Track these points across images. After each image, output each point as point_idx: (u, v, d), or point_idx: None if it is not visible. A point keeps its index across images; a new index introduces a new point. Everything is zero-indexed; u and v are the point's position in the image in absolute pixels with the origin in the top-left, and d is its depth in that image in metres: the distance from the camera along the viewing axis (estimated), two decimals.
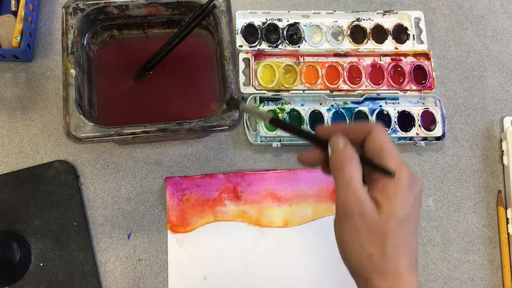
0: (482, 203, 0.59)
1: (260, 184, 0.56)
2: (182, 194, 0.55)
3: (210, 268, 0.53)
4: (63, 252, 0.52)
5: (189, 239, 0.54)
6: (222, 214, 0.55)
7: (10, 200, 0.53)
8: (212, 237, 0.54)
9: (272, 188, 0.56)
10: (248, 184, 0.56)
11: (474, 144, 0.61)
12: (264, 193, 0.56)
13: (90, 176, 0.55)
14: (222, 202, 0.55)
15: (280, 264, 0.54)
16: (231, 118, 0.48)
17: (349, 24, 0.63)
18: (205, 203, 0.55)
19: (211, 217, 0.54)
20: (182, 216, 0.54)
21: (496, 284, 0.57)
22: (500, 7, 0.68)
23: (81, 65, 0.50)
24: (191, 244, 0.53)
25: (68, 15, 0.50)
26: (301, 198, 0.56)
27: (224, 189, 0.56)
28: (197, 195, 0.55)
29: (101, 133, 0.46)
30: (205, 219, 0.54)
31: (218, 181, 0.56)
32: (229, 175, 0.56)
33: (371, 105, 0.60)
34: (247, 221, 0.55)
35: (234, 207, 0.55)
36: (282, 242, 0.55)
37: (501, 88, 0.64)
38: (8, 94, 0.57)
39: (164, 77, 0.54)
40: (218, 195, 0.55)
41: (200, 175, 0.56)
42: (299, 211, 0.56)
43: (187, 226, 0.54)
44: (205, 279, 0.52)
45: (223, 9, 0.52)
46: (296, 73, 0.60)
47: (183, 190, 0.55)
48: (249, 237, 0.54)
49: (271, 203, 0.56)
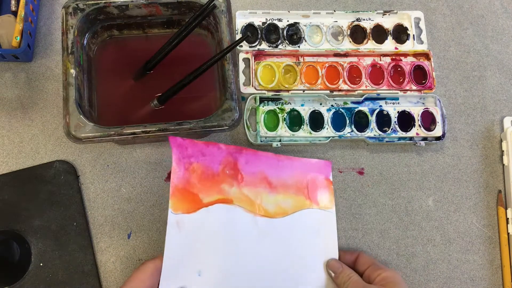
0: (482, 203, 0.59)
1: (255, 164, 0.53)
2: (189, 162, 0.49)
3: (205, 261, 0.49)
4: (63, 252, 0.52)
5: (190, 222, 0.48)
6: (224, 194, 0.51)
7: (10, 200, 0.53)
8: (213, 222, 0.49)
9: (264, 171, 0.54)
10: (246, 161, 0.53)
11: (474, 144, 0.61)
12: (259, 176, 0.53)
13: (90, 176, 0.56)
14: (225, 179, 0.51)
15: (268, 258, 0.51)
16: (231, 118, 0.48)
17: (349, 24, 0.63)
18: (211, 177, 0.50)
19: (216, 196, 0.50)
20: (188, 190, 0.49)
21: (496, 284, 0.57)
22: (500, 7, 0.68)
23: (81, 65, 0.50)
24: (190, 228, 0.48)
25: (68, 15, 0.50)
26: (284, 187, 0.54)
27: (226, 164, 0.51)
28: (203, 166, 0.50)
29: (101, 133, 0.46)
30: (210, 197, 0.50)
31: (221, 153, 0.51)
32: (229, 147, 0.52)
33: (371, 105, 0.61)
34: (245, 206, 0.52)
35: (235, 188, 0.52)
36: (271, 233, 0.52)
37: (501, 88, 0.64)
38: (8, 94, 0.57)
39: (164, 77, 0.54)
40: (221, 169, 0.51)
41: (203, 141, 0.51)
42: (285, 200, 0.54)
43: (190, 202, 0.49)
44: (199, 275, 0.48)
45: (223, 9, 0.52)
46: (296, 73, 0.60)
47: (189, 156, 0.49)
48: (245, 226, 0.51)
49: (263, 189, 0.53)
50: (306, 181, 0.55)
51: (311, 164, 0.56)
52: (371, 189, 0.58)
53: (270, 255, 0.52)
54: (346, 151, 0.59)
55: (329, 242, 0.53)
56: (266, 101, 0.59)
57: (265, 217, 0.52)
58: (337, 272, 0.51)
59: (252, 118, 0.59)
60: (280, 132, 0.58)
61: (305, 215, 0.54)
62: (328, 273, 0.52)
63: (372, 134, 0.59)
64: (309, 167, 0.56)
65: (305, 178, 0.55)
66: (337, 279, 0.50)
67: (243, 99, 0.59)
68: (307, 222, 0.54)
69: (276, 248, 0.52)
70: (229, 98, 0.49)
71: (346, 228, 0.57)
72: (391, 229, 0.57)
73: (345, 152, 0.59)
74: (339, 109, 0.60)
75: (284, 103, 0.59)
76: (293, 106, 0.59)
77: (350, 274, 0.50)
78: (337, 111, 0.59)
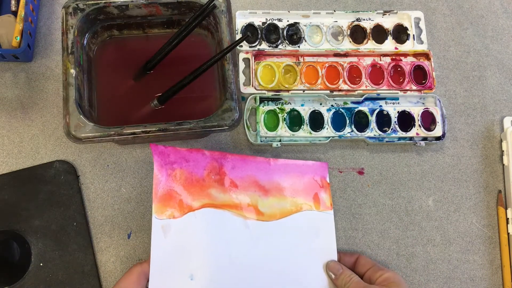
0: (482, 203, 0.59)
1: (243, 168, 0.53)
2: (171, 168, 0.48)
3: (197, 265, 0.48)
4: (63, 252, 0.52)
5: (176, 227, 0.47)
6: (211, 198, 0.50)
7: (10, 200, 0.53)
8: (201, 226, 0.49)
9: (253, 175, 0.54)
10: (232, 166, 0.53)
11: (474, 144, 0.61)
12: (249, 180, 0.53)
13: (90, 176, 0.56)
14: (210, 184, 0.50)
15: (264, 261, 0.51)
16: (231, 118, 0.48)
17: (349, 24, 0.63)
18: (196, 183, 0.49)
19: (200, 201, 0.49)
20: (171, 196, 0.48)
21: (496, 284, 0.57)
22: (500, 7, 0.68)
23: (81, 65, 0.50)
24: (177, 233, 0.47)
25: (68, 15, 0.50)
26: (278, 190, 0.54)
27: (211, 169, 0.51)
28: (187, 172, 0.49)
29: (101, 133, 0.46)
30: (197, 202, 0.49)
31: (205, 159, 0.51)
32: (214, 153, 0.52)
33: (371, 105, 0.61)
34: (234, 209, 0.51)
35: (222, 192, 0.51)
36: (265, 236, 0.52)
37: (501, 88, 0.64)
38: (8, 94, 0.57)
39: (164, 77, 0.54)
40: (206, 174, 0.50)
41: (186, 148, 0.51)
42: (279, 203, 0.53)
43: (175, 208, 0.48)
44: (191, 279, 0.47)
45: (223, 9, 0.52)
46: (296, 73, 0.60)
47: (171, 163, 0.49)
48: (235, 230, 0.51)
49: (254, 192, 0.53)
50: (302, 183, 0.55)
51: (307, 166, 0.56)
52: (371, 189, 0.58)
53: (265, 258, 0.51)
54: (346, 151, 0.59)
55: (328, 244, 0.53)
56: (266, 101, 0.59)
57: (259, 221, 0.52)
58: (337, 273, 0.51)
59: (252, 118, 0.59)
60: (280, 132, 0.58)
61: (303, 217, 0.54)
62: (328, 274, 0.52)
63: (372, 134, 0.59)
64: (305, 169, 0.56)
65: (301, 180, 0.55)
66: (337, 280, 0.50)
67: (243, 99, 0.59)
68: (304, 224, 0.54)
69: (272, 250, 0.52)
70: (229, 98, 0.49)
71: (346, 228, 0.57)
72: (391, 229, 0.57)
73: (345, 152, 0.59)
74: (339, 109, 0.60)
75: (284, 103, 0.59)
76: (293, 106, 0.59)
77: (350, 275, 0.50)
78: (337, 111, 0.59)
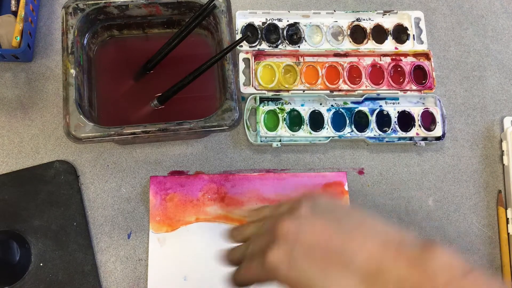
0: (482, 203, 0.59)
1: (244, 185, 0.56)
2: (165, 193, 0.55)
3: (190, 268, 0.52)
4: (63, 252, 0.52)
5: (171, 239, 0.53)
6: (205, 214, 0.54)
7: (10, 200, 0.53)
8: (194, 237, 0.53)
9: (257, 189, 0.56)
10: (232, 185, 0.56)
11: (474, 144, 0.61)
12: (249, 195, 0.55)
13: (90, 176, 0.56)
14: (205, 203, 0.55)
15: None
16: (231, 118, 0.48)
17: (349, 24, 0.63)
18: (188, 203, 0.54)
19: (193, 217, 0.54)
20: (165, 215, 0.54)
21: None
22: (500, 7, 0.68)
23: (81, 65, 0.50)
24: (172, 244, 0.53)
25: (68, 15, 0.50)
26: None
27: (208, 190, 0.55)
28: (180, 194, 0.55)
29: (101, 133, 0.46)
30: (187, 218, 0.54)
31: (202, 182, 0.55)
32: (214, 176, 0.56)
33: (371, 105, 0.60)
34: (229, 222, 0.54)
35: (217, 208, 0.55)
36: None
37: (501, 88, 0.64)
38: (8, 94, 0.57)
39: (164, 77, 0.54)
40: (201, 195, 0.55)
41: (185, 175, 0.56)
42: None
43: (169, 225, 0.54)
44: (185, 280, 0.52)
45: (223, 9, 0.52)
46: (296, 73, 0.60)
47: (166, 189, 0.55)
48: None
49: (254, 205, 0.55)
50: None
51: (324, 177, 0.57)
52: (371, 189, 0.58)
53: None
54: (346, 151, 0.59)
55: None
56: (266, 101, 0.59)
57: None
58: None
59: (252, 118, 0.59)
60: (280, 132, 0.58)
61: None
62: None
63: (372, 134, 0.59)
64: (322, 180, 0.57)
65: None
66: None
67: (243, 99, 0.59)
68: None
69: None
70: (229, 98, 0.49)
71: None
72: None
73: (345, 152, 0.59)
74: (339, 109, 0.60)
75: (284, 103, 0.59)
76: (293, 106, 0.59)
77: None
78: (337, 111, 0.59)
